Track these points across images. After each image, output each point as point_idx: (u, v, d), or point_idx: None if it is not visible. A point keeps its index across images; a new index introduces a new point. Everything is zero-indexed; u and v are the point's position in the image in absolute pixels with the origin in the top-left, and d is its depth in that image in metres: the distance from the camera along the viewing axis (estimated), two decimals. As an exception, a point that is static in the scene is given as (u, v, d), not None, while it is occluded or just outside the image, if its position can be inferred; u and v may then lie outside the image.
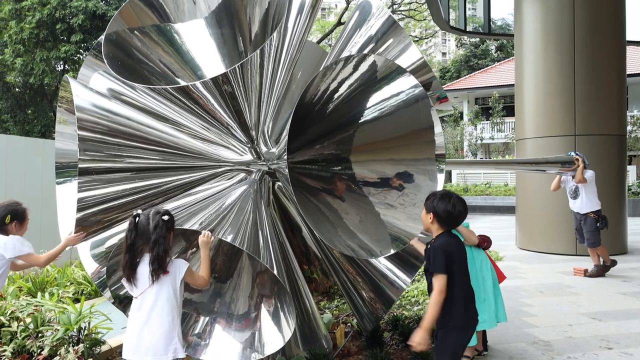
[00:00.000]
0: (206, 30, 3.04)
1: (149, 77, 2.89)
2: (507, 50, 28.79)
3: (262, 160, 3.33)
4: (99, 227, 3.01)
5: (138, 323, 2.08)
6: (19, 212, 2.74)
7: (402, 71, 2.47)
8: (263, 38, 2.87)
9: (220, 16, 2.95)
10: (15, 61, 19.04)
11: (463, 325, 2.24)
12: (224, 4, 2.91)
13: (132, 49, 2.88)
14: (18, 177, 6.40)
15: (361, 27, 3.15)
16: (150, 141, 3.11)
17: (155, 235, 2.06)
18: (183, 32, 3.07)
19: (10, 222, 2.69)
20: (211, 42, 3.05)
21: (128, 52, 2.86)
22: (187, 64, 3.06)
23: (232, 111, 2.89)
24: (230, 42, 3.02)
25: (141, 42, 2.93)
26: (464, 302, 2.24)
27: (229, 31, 3.02)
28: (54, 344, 3.24)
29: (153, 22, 3.00)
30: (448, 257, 2.23)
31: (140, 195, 3.11)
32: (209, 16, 2.94)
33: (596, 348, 3.53)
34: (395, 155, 3.02)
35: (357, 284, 3.44)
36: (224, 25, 3.02)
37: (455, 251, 2.27)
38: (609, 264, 5.94)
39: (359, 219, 3.01)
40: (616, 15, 7.51)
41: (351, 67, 2.52)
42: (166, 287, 2.09)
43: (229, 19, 2.94)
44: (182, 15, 3.04)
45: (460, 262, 2.28)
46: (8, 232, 2.69)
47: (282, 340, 2.45)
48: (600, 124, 7.28)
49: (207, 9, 3.05)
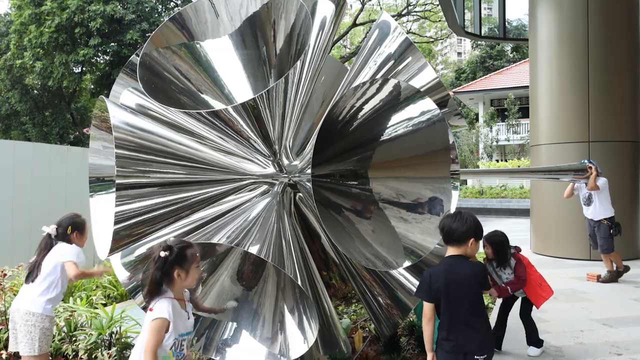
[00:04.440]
0: (231, 46, 3.18)
1: (178, 96, 3.07)
2: (523, 51, 28.52)
3: (284, 173, 3.49)
4: (128, 240, 3.21)
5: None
6: (79, 223, 3.05)
7: (422, 95, 2.61)
8: (288, 50, 3.00)
9: (245, 31, 3.09)
10: (35, 64, 19.55)
11: (443, 349, 2.28)
12: (248, 20, 3.05)
13: (161, 69, 3.06)
14: (44, 184, 6.65)
15: (380, 46, 3.28)
16: (177, 156, 3.29)
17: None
18: (208, 49, 3.21)
19: (71, 232, 2.98)
20: (236, 58, 3.18)
21: (158, 73, 3.04)
22: (213, 81, 3.23)
23: (257, 126, 3.04)
24: (254, 56, 3.15)
25: (169, 62, 3.11)
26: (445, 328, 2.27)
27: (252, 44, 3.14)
28: (88, 348, 3.45)
29: (180, 40, 3.17)
30: (429, 284, 2.28)
31: (168, 209, 3.29)
32: (234, 33, 3.09)
33: (606, 354, 3.62)
34: (411, 173, 3.15)
35: (373, 290, 3.58)
36: (249, 40, 3.16)
37: (443, 274, 2.26)
38: (622, 269, 5.98)
39: (371, 228, 3.16)
40: (630, 21, 7.50)
41: (375, 89, 2.67)
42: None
43: (253, 33, 3.08)
44: (205, 29, 3.15)
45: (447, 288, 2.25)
46: (71, 241, 2.98)
47: (306, 345, 2.61)
48: (614, 130, 7.29)
49: (230, 21, 3.16)
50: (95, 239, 3.36)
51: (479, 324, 2.29)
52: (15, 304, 2.90)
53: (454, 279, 2.28)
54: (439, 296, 2.27)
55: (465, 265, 2.33)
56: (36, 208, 6.41)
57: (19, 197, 6.28)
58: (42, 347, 2.80)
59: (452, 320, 2.25)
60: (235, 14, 3.03)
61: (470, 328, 2.25)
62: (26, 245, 5.98)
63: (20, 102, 23.74)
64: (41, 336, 2.80)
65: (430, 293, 2.29)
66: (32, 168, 6.52)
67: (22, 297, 2.89)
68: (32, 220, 6.26)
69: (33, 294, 2.86)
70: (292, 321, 2.79)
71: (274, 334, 2.80)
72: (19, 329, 2.81)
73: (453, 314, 2.26)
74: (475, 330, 2.26)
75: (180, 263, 2.04)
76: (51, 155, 6.98)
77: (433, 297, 2.29)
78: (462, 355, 2.23)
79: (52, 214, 6.50)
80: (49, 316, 2.86)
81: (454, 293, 2.26)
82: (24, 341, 2.79)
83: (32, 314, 2.81)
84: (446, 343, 2.27)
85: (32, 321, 2.80)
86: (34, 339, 2.78)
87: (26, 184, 6.36)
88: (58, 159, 6.96)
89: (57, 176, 6.82)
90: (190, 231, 3.39)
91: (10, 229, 6.13)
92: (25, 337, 2.79)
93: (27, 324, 2.80)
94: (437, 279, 2.30)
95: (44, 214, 6.33)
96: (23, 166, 6.39)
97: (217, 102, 3.15)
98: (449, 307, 2.26)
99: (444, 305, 2.27)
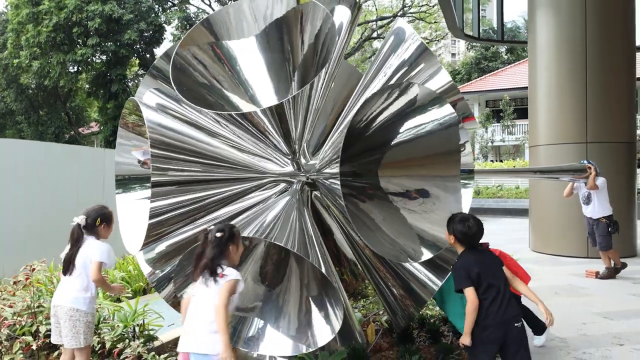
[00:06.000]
0: (255, 46, 3.28)
1: (207, 96, 3.19)
2: (517, 53, 28.94)
3: (302, 172, 3.63)
4: (157, 237, 3.32)
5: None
6: (107, 215, 3.13)
7: (443, 101, 2.78)
8: (313, 56, 3.13)
9: (270, 33, 3.21)
10: (31, 64, 19.45)
11: (490, 324, 2.54)
12: (274, 22, 3.16)
13: (192, 69, 3.16)
14: (54, 184, 6.67)
15: (396, 51, 3.44)
16: (201, 154, 3.42)
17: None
18: (234, 48, 3.31)
19: (100, 224, 3.07)
20: (260, 58, 3.28)
21: (189, 73, 3.13)
22: (239, 81, 3.33)
23: (280, 126, 3.18)
24: (278, 59, 3.26)
25: (199, 61, 3.19)
26: (489, 304, 2.56)
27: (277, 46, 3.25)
28: (114, 340, 3.57)
29: (207, 39, 3.27)
30: (468, 272, 2.60)
31: (193, 206, 3.42)
32: (259, 34, 3.20)
33: (608, 344, 3.81)
34: (425, 172, 3.32)
35: (387, 281, 3.72)
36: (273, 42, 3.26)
37: (474, 265, 2.62)
38: (620, 266, 6.20)
39: (382, 217, 3.33)
40: (626, 24, 7.75)
41: (396, 93, 2.82)
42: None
43: (279, 36, 3.20)
44: (230, 28, 3.22)
45: (491, 273, 2.63)
46: (98, 233, 3.07)
47: (331, 332, 2.75)
48: (611, 131, 7.52)
49: (255, 22, 3.23)
50: (124, 235, 3.48)
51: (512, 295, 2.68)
52: (57, 299, 2.96)
53: (490, 264, 2.68)
54: (480, 280, 2.58)
55: (486, 253, 2.77)
56: (48, 208, 6.46)
57: (30, 196, 6.33)
58: (87, 340, 2.90)
59: (497, 297, 2.58)
60: (260, 15, 3.15)
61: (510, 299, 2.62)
62: (39, 245, 6.05)
63: (15, 101, 23.58)
64: (85, 329, 2.89)
65: (469, 279, 2.60)
66: (43, 168, 6.56)
67: (63, 292, 2.95)
68: (44, 220, 6.33)
69: (74, 289, 2.92)
70: (318, 311, 2.93)
71: (300, 328, 2.93)
72: (63, 324, 2.89)
73: (497, 291, 2.59)
74: (512, 299, 2.63)
75: (233, 239, 2.47)
76: (62, 155, 7.03)
77: (474, 282, 2.60)
78: (505, 325, 2.54)
79: (64, 215, 6.55)
80: (91, 312, 2.97)
81: (492, 276, 2.63)
82: (69, 335, 2.87)
83: (75, 310, 2.89)
84: (490, 316, 2.53)
85: (76, 316, 2.88)
86: (78, 333, 2.87)
87: (37, 183, 6.42)
88: (69, 159, 7.01)
89: (68, 176, 6.85)
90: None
91: (23, 228, 6.18)
92: (70, 331, 2.87)
93: (72, 319, 2.88)
94: (470, 268, 2.61)
95: (55, 214, 6.40)
96: (34, 166, 6.44)
97: (244, 101, 3.28)
98: (490, 285, 2.59)
99: (484, 286, 2.58)
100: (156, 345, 3.72)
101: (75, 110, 26.98)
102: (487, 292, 2.57)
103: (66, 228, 3.34)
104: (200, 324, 2.33)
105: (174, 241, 3.55)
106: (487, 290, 2.57)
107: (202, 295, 2.39)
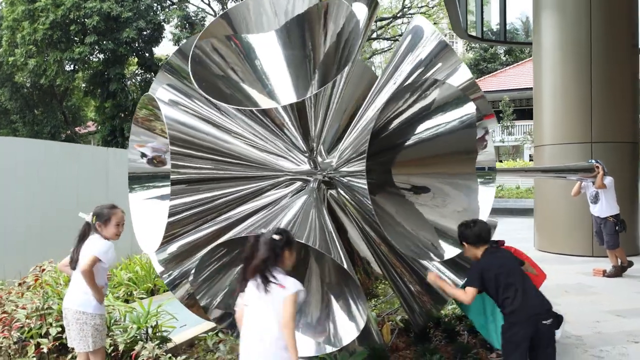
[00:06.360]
0: (275, 41, 3.20)
1: (226, 90, 3.13)
2: (516, 54, 29.11)
3: (318, 170, 3.60)
4: (174, 236, 3.27)
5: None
6: (102, 213, 2.96)
7: (467, 99, 2.76)
8: (335, 54, 3.09)
9: (291, 29, 3.14)
10: (27, 62, 19.19)
11: (516, 321, 2.53)
12: (296, 18, 3.12)
13: (208, 62, 3.10)
14: (54, 183, 6.55)
15: (415, 49, 3.41)
16: (216, 152, 3.37)
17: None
18: (253, 41, 3.22)
19: (95, 221, 2.93)
20: (280, 54, 3.22)
21: (205, 66, 3.07)
22: (257, 76, 3.27)
23: (299, 123, 3.14)
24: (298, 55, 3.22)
25: (217, 54, 3.13)
26: (511, 302, 2.55)
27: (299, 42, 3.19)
28: (128, 342, 3.50)
29: (226, 33, 3.20)
30: (481, 273, 2.62)
31: (210, 205, 3.37)
32: (280, 29, 3.15)
33: (624, 342, 3.83)
34: (443, 170, 3.31)
35: (404, 277, 3.69)
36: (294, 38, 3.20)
37: (494, 267, 2.63)
38: (626, 264, 6.24)
39: (394, 210, 3.31)
40: (630, 25, 7.81)
41: (420, 91, 2.80)
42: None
43: (301, 32, 3.15)
44: (249, 19, 3.16)
45: (506, 272, 2.63)
46: (98, 230, 2.94)
47: (356, 329, 2.72)
48: (615, 131, 7.57)
49: (275, 16, 3.18)
50: (138, 234, 3.42)
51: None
52: (65, 301, 2.91)
53: (509, 263, 2.70)
54: (499, 278, 2.60)
55: (502, 252, 2.81)
56: (47, 208, 6.34)
57: (30, 196, 6.22)
58: (96, 343, 2.82)
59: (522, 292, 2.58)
60: (281, 10, 3.10)
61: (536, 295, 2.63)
62: (38, 246, 5.95)
63: (10, 100, 23.27)
64: (94, 332, 2.82)
65: (479, 280, 2.64)
66: (42, 167, 6.45)
67: (71, 294, 2.89)
68: (44, 220, 6.22)
69: (80, 291, 2.85)
70: (340, 310, 2.90)
71: (322, 327, 2.90)
72: (72, 327, 2.84)
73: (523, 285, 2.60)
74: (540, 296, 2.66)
75: (290, 244, 2.36)
76: (62, 154, 6.92)
77: (483, 284, 2.64)
78: (534, 322, 2.52)
79: (63, 214, 6.47)
80: (99, 314, 2.87)
81: (514, 272, 2.65)
82: (77, 338, 2.82)
83: (82, 312, 2.82)
84: (520, 311, 2.53)
85: (83, 319, 2.81)
86: (87, 336, 2.80)
87: (36, 183, 6.31)
88: (69, 158, 6.90)
89: (68, 176, 6.72)
90: (229, 227, 3.47)
91: (23, 228, 6.08)
92: (78, 334, 2.81)
93: (79, 322, 2.81)
94: (489, 269, 2.63)
95: (55, 215, 6.30)
96: (33, 165, 6.32)
97: (262, 96, 3.23)
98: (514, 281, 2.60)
99: (506, 282, 2.59)
100: (170, 347, 3.66)
101: (71, 109, 26.70)
102: (507, 291, 2.56)
103: (66, 228, 3.22)
104: (265, 343, 2.15)
105: (186, 242, 3.50)
106: (506, 289, 2.57)
107: (256, 305, 2.23)
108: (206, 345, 3.74)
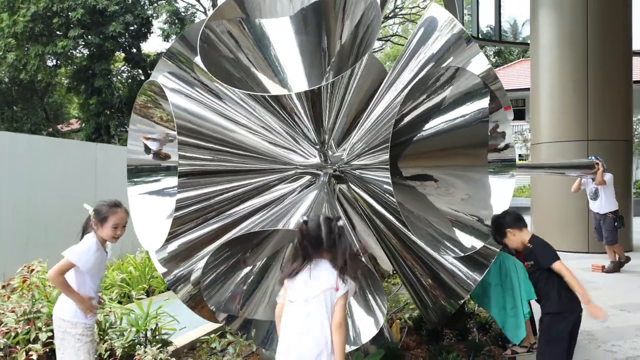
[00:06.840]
0: (290, 28, 3.05)
1: (238, 76, 2.96)
2: (505, 56, 29.52)
3: (329, 164, 3.47)
4: (180, 231, 3.09)
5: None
6: (101, 211, 2.61)
7: (486, 91, 2.67)
8: (352, 44, 2.97)
9: (307, 16, 2.99)
10: (5, 56, 18.48)
11: (558, 311, 2.48)
12: (312, 5, 2.97)
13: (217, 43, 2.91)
14: (39, 178, 6.26)
15: (430, 37, 3.30)
16: (225, 143, 3.21)
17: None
18: (266, 27, 3.07)
19: (93, 218, 2.60)
20: (293, 41, 3.07)
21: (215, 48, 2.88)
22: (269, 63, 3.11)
23: (313, 114, 3.00)
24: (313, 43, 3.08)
25: (228, 35, 2.94)
26: (557, 289, 2.53)
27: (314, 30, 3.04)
28: (126, 346, 3.28)
29: (237, 15, 3.01)
30: (550, 247, 2.63)
31: (217, 198, 3.21)
32: (295, 15, 3.00)
33: (634, 336, 3.83)
34: (461, 162, 3.22)
35: (415, 270, 3.59)
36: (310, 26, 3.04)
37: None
38: (624, 260, 6.29)
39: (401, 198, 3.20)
40: (626, 26, 7.92)
41: (442, 81, 2.69)
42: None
43: (317, 20, 3.00)
44: (262, 3, 3.00)
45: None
46: (93, 228, 2.61)
47: (375, 325, 2.60)
48: (610, 130, 7.67)
49: (289, 2, 3.03)
50: (138, 231, 3.22)
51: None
52: (55, 306, 2.65)
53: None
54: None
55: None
56: (32, 205, 6.04)
57: (13, 192, 5.91)
58: (78, 356, 2.47)
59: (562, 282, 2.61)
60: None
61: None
62: (22, 244, 5.66)
63: (-12, 95, 22.43)
64: (75, 343, 2.48)
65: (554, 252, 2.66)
66: (27, 161, 6.16)
67: (59, 299, 2.60)
68: (31, 217, 5.93)
69: (62, 296, 2.55)
70: (358, 305, 2.78)
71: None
72: (56, 335, 2.56)
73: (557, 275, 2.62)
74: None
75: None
76: (46, 148, 6.61)
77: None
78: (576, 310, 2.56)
79: (49, 210, 6.18)
80: (80, 322, 2.50)
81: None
82: (61, 348, 2.51)
83: (61, 319, 2.52)
84: (559, 302, 2.57)
85: (63, 327, 2.51)
86: (67, 348, 2.48)
87: (21, 178, 6.01)
88: (54, 152, 6.60)
89: (53, 170, 6.45)
90: (239, 222, 3.32)
91: (7, 226, 5.77)
92: (60, 344, 2.52)
93: (59, 330, 2.52)
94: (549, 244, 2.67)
95: (40, 211, 6.02)
96: (18, 159, 6.02)
97: (273, 82, 3.09)
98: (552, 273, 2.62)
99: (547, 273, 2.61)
100: (170, 350, 3.47)
101: (53, 106, 25.88)
102: (551, 277, 2.57)
103: (51, 226, 2.98)
104: (314, 344, 1.96)
105: (186, 240, 3.32)
106: (550, 276, 2.56)
107: (304, 303, 2.01)
108: (209, 348, 3.56)
